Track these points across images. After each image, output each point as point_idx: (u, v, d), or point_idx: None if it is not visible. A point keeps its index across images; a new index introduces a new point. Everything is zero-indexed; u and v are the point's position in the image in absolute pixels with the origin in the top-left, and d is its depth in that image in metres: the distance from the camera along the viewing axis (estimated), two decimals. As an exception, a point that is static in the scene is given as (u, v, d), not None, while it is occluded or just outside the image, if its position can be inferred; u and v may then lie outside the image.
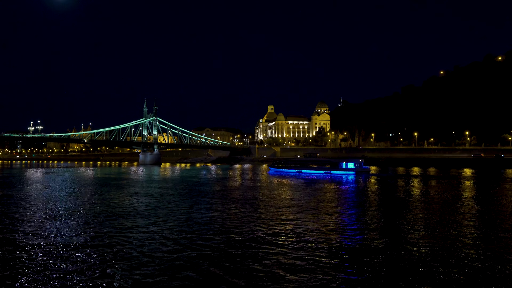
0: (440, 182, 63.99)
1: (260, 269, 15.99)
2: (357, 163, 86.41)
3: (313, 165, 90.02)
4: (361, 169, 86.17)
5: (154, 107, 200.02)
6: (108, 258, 17.70)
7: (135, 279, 14.96)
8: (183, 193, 46.67)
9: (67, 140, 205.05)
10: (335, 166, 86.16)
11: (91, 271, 15.79)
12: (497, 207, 34.07)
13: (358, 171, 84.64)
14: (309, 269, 15.99)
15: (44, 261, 17.20)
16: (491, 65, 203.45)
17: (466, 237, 21.85)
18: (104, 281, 14.74)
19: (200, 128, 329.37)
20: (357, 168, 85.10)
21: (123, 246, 19.77)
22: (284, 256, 17.93)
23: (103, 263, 16.87)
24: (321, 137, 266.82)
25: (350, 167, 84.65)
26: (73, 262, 17.01)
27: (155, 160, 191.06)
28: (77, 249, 19.23)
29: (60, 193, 47.10)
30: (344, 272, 15.65)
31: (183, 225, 25.58)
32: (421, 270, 15.92)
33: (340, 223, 26.39)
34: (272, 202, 37.32)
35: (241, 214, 29.99)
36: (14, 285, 14.27)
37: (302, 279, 14.85)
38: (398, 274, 15.43)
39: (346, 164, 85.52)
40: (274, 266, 16.44)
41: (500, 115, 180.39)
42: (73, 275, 15.37)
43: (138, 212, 31.46)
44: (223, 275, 15.29)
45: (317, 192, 46.80)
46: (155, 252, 18.63)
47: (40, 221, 26.95)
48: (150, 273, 15.63)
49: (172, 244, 20.17)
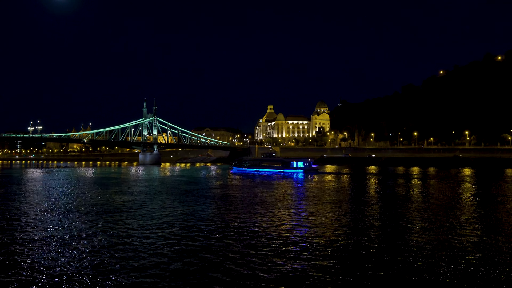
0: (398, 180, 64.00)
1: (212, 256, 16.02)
2: (306, 162, 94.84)
3: (268, 164, 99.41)
4: (310, 167, 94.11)
5: (154, 107, 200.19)
6: (104, 255, 17.71)
7: (132, 276, 14.96)
8: (164, 191, 46.75)
9: (66, 140, 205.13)
10: (287, 165, 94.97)
11: (86, 267, 15.81)
12: (462, 205, 34.11)
13: (307, 170, 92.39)
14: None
15: (37, 256, 17.24)
16: (491, 64, 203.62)
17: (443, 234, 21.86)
18: (100, 279, 14.73)
19: (200, 128, 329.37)
20: (306, 167, 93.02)
21: (118, 244, 19.78)
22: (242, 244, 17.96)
23: (96, 259, 16.89)
24: (320, 137, 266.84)
25: (300, 166, 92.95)
26: (69, 261, 17.01)
27: (155, 160, 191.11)
28: (74, 247, 19.25)
29: (58, 192, 47.09)
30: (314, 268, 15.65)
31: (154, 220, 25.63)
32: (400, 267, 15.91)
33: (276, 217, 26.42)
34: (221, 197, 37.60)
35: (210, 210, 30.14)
36: (8, 283, 14.26)
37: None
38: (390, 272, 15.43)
39: (296, 164, 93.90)
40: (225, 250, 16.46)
41: (500, 114, 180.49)
42: (68, 272, 15.37)
43: (129, 209, 31.52)
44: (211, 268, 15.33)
45: (260, 189, 47.05)
46: (143, 245, 18.66)
47: (37, 219, 26.95)
48: (141, 267, 15.69)
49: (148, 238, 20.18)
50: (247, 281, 14.65)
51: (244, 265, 16.65)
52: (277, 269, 15.99)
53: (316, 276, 15.21)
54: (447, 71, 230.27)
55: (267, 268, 16.12)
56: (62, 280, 14.82)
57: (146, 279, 15.01)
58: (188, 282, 14.77)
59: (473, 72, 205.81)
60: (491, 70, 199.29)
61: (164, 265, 16.73)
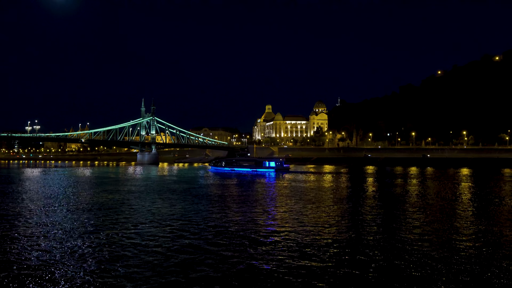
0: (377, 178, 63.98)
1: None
2: (278, 162, 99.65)
3: (243, 163, 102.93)
4: (281, 167, 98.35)
5: (152, 106, 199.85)
6: (100, 253, 17.63)
7: (130, 273, 14.88)
8: (156, 191, 46.68)
9: (64, 139, 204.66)
10: (259, 164, 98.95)
11: (82, 265, 15.73)
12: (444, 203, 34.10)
13: (278, 169, 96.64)
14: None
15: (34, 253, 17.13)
16: (489, 65, 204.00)
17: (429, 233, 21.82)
18: (96, 277, 14.64)
19: (198, 127, 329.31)
20: (278, 166, 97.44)
21: (115, 242, 19.70)
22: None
23: (92, 256, 16.82)
24: (319, 137, 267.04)
25: (272, 165, 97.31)
26: (65, 258, 16.93)
27: (153, 159, 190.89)
28: (69, 245, 19.18)
29: (55, 192, 46.93)
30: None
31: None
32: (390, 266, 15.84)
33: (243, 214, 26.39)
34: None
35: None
36: (7, 281, 14.16)
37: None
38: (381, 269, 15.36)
39: (268, 163, 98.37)
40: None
41: (498, 114, 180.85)
42: (64, 270, 15.30)
43: (121, 207, 31.45)
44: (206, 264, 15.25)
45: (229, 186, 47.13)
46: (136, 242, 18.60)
47: (34, 218, 26.90)
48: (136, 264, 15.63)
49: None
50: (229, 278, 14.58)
51: (221, 261, 16.56)
52: (257, 267, 15.91)
53: (297, 274, 15.13)
54: (445, 71, 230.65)
55: (246, 263, 16.04)
56: (59, 277, 14.73)
57: (129, 273, 14.92)
58: (174, 278, 14.69)
59: (471, 72, 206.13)
60: (489, 70, 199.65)
61: (156, 261, 16.66)
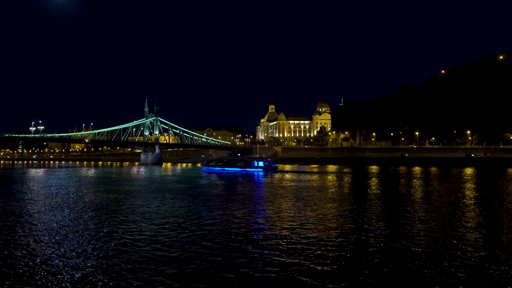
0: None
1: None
2: (266, 162, 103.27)
3: (233, 163, 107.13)
4: (269, 166, 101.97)
5: (155, 107, 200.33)
6: (100, 253, 17.89)
7: (130, 272, 15.14)
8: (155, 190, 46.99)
9: (68, 140, 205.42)
10: (249, 164, 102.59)
11: (84, 265, 16.00)
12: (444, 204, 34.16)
13: (267, 168, 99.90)
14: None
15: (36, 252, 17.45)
16: (492, 64, 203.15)
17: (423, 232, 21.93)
18: (95, 277, 14.90)
19: (201, 128, 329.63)
20: (266, 166, 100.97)
21: (116, 242, 19.96)
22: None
23: (93, 256, 17.08)
24: (322, 137, 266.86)
25: (260, 165, 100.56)
26: (66, 258, 17.20)
27: (156, 160, 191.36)
28: (70, 245, 19.45)
29: (59, 192, 47.31)
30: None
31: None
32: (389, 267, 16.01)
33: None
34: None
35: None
36: (8, 279, 14.45)
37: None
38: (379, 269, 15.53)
39: (257, 163, 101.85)
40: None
41: (501, 114, 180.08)
42: (66, 269, 15.56)
43: (124, 208, 31.73)
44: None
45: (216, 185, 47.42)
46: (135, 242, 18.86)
47: (38, 217, 27.20)
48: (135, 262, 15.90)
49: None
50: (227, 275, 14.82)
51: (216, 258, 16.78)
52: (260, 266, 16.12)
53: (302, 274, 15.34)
54: (448, 70, 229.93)
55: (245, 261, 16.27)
56: (60, 277, 15.01)
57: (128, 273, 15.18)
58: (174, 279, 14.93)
59: (474, 71, 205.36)
60: (492, 69, 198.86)
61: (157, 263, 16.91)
